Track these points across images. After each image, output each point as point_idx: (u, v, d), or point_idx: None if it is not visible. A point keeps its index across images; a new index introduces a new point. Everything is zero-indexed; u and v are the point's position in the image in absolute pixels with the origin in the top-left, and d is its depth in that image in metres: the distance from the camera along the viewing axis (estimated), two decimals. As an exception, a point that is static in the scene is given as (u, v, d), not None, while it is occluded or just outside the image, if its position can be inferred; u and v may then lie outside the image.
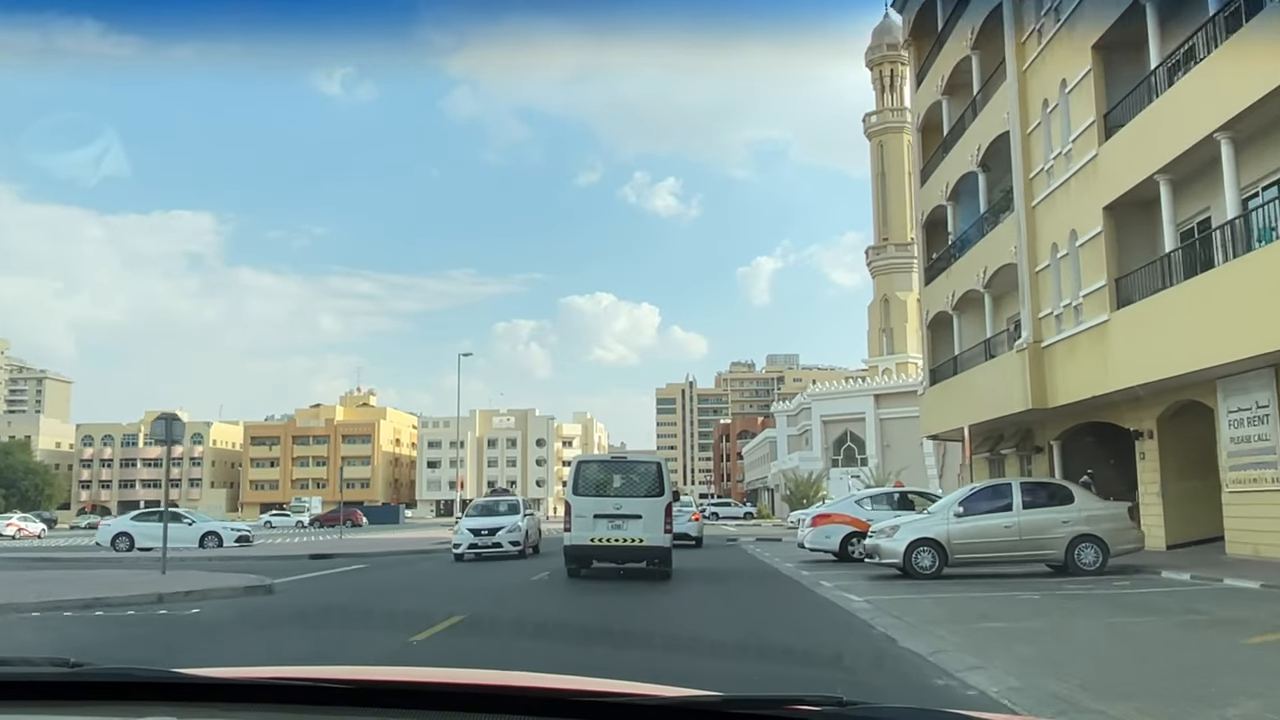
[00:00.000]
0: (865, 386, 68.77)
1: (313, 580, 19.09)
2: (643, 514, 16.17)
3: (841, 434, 70.17)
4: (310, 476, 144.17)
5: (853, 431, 69.49)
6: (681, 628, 10.98)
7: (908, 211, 65.92)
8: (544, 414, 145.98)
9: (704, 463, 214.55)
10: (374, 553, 28.84)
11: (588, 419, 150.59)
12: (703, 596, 15.05)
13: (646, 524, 16.10)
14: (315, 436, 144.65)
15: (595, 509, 16.33)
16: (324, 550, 29.30)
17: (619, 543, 16.16)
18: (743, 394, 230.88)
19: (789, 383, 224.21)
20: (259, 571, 19.06)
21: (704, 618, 12.42)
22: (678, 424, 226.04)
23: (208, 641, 10.60)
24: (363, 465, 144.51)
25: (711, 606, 13.73)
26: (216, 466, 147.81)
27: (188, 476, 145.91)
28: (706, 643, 9.36)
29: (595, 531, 16.20)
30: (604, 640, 9.69)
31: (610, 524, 16.14)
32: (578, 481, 16.79)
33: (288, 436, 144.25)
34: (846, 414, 69.34)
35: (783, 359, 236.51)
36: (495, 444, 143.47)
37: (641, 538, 16.09)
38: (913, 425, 64.46)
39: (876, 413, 67.59)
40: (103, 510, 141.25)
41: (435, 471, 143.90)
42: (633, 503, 16.33)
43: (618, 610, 13.14)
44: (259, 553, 30.27)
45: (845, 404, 69.31)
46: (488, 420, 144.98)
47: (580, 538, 16.43)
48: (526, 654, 8.35)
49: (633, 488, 16.65)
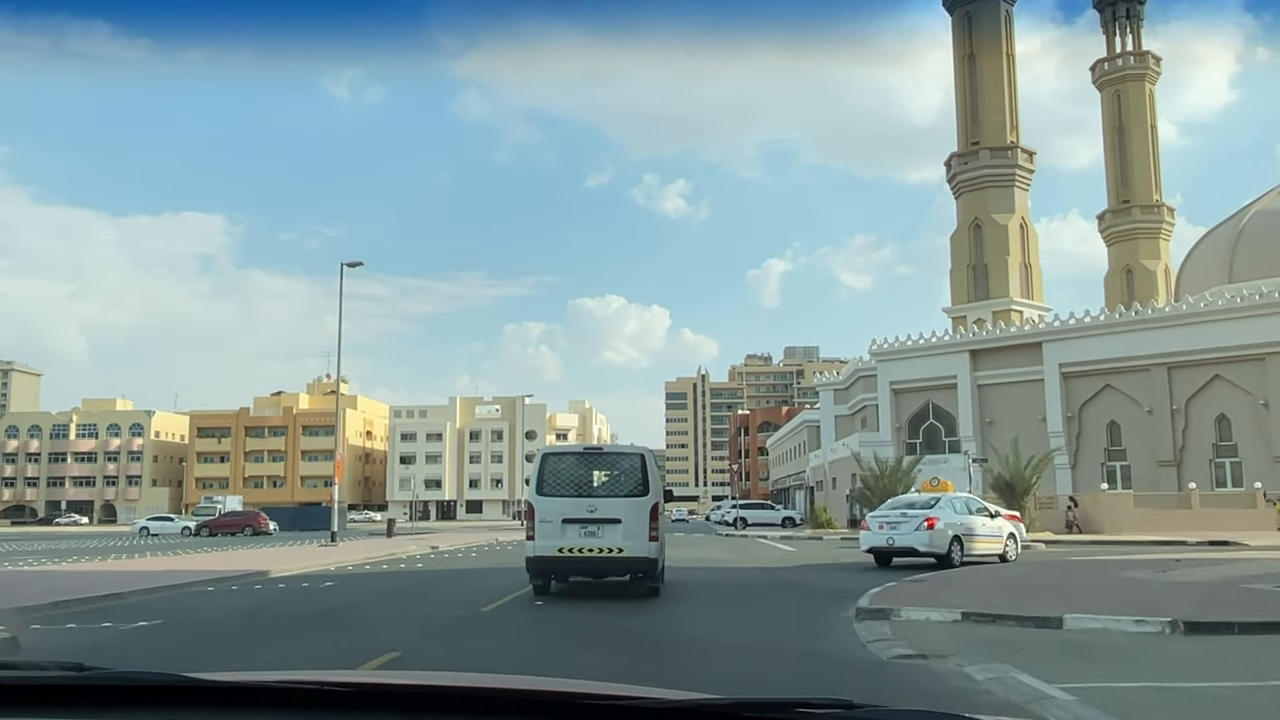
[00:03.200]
0: (958, 340, 48.82)
1: None
2: (623, 517, 13.47)
3: (921, 407, 50.36)
4: (265, 473, 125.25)
5: (936, 403, 49.66)
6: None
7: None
8: (535, 402, 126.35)
9: (718, 462, 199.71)
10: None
11: (586, 408, 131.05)
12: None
13: (628, 529, 13.44)
14: (272, 428, 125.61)
15: (565, 512, 13.59)
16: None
17: (594, 553, 13.48)
18: (759, 388, 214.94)
19: (809, 376, 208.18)
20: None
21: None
22: (689, 420, 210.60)
23: None
24: (326, 461, 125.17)
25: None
26: (160, 462, 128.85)
27: (125, 473, 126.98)
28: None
29: (564, 540, 13.54)
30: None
31: (583, 530, 13.52)
32: (543, 478, 13.89)
33: (239, 427, 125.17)
34: (928, 379, 49.49)
35: (801, 351, 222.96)
36: (479, 436, 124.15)
37: (621, 546, 13.41)
38: (1029, 392, 44.59)
39: (973, 376, 47.76)
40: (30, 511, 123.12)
41: (409, 468, 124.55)
42: (611, 504, 13.61)
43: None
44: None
45: (926, 365, 49.44)
46: (470, 409, 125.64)
47: (546, 547, 13.64)
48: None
49: (611, 486, 13.90)
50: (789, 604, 14.13)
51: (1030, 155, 53.66)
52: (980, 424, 47.34)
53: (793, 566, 20.81)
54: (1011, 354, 46.45)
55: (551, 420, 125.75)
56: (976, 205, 53.41)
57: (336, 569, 22.09)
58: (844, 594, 13.57)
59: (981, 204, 53.14)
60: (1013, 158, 52.67)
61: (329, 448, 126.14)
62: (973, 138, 54.82)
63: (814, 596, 14.75)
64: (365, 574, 20.71)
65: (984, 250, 53.24)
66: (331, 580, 18.63)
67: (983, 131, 53.99)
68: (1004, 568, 19.19)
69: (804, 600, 14.45)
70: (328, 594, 15.89)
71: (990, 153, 52.86)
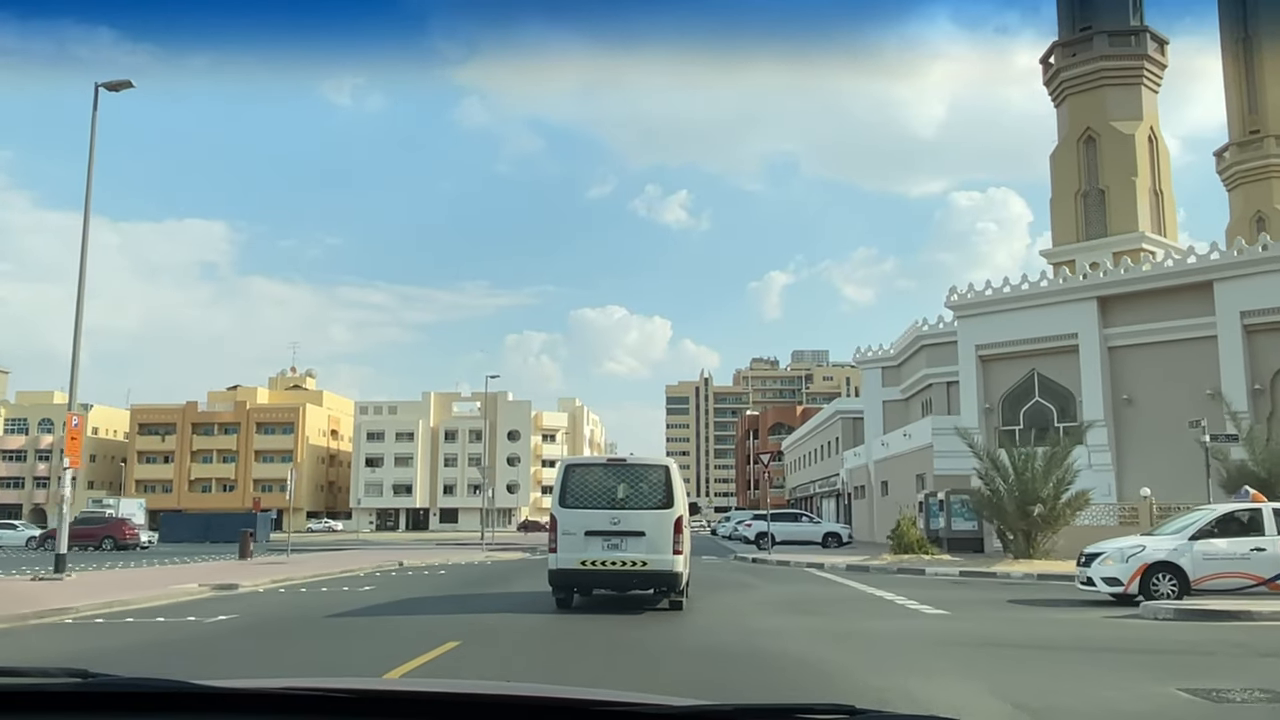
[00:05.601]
0: (1080, 283, 34.68)
1: None
2: (647, 530, 13.39)
3: (1021, 381, 36.24)
4: (214, 475, 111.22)
5: (1044, 375, 35.50)
6: None
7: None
8: (520, 398, 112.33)
9: (721, 471, 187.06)
10: None
11: (576, 406, 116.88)
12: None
13: (652, 542, 13.35)
14: (222, 424, 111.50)
15: (587, 524, 13.47)
16: None
17: (617, 566, 13.38)
18: (765, 393, 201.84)
19: (818, 381, 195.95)
20: None
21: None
22: (690, 425, 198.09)
23: None
24: (284, 463, 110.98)
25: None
26: (98, 462, 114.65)
27: (58, 474, 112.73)
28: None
29: (587, 553, 13.41)
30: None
31: (606, 543, 13.41)
32: (565, 490, 13.79)
33: (185, 424, 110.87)
34: (1033, 340, 35.39)
35: (810, 355, 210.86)
36: (455, 436, 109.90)
37: (645, 559, 13.33)
38: (1189, 355, 30.71)
39: (1103, 335, 33.62)
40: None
41: (375, 471, 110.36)
42: (635, 516, 13.50)
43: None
44: None
45: (1030, 320, 35.34)
46: (446, 406, 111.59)
47: (568, 560, 13.51)
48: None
49: (635, 498, 13.67)
50: None
51: (1162, 45, 39.78)
52: (1113, 400, 33.18)
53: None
54: (1162, 301, 32.45)
55: (537, 419, 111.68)
56: (1088, 110, 39.33)
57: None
58: None
59: (1096, 107, 39.07)
60: (1139, 45, 38.67)
61: (288, 448, 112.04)
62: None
63: None
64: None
65: (1100, 170, 39.15)
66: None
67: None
68: None
69: None
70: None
71: (1109, 38, 38.78)
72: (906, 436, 40.81)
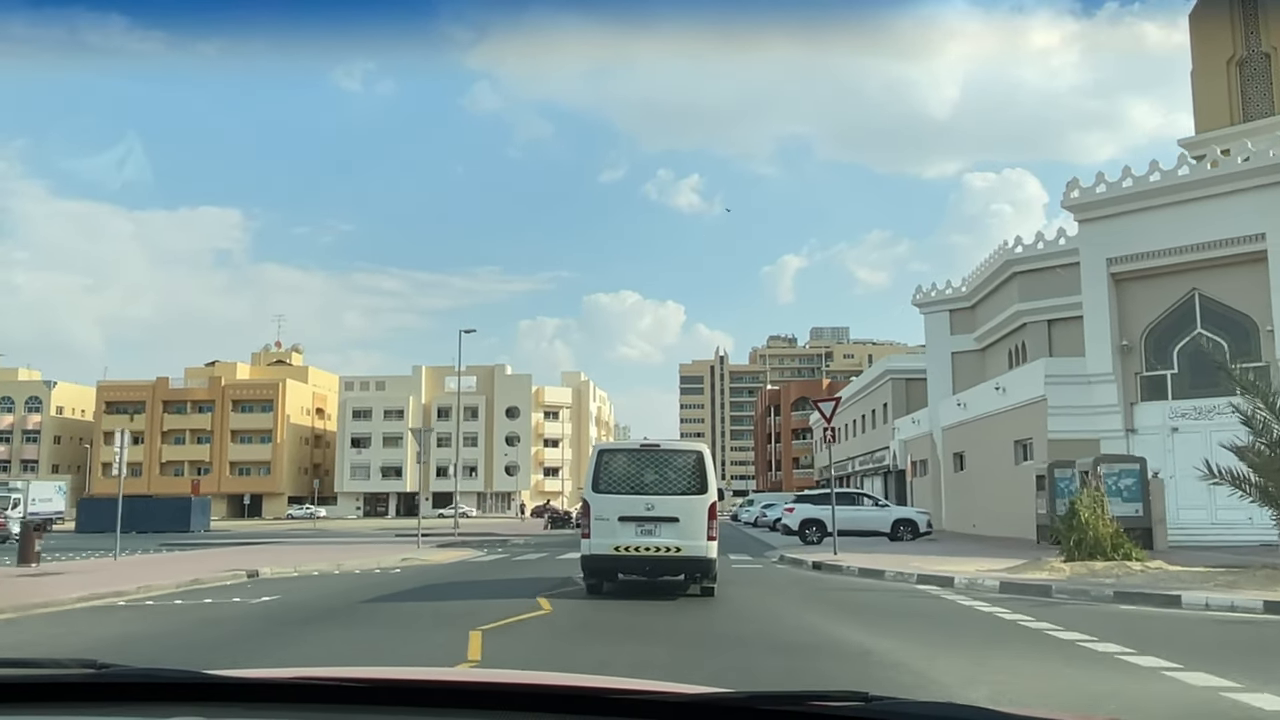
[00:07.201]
0: (1272, 160, 24.30)
1: None
2: (680, 516, 13.29)
3: (1175, 308, 26.11)
4: (188, 458, 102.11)
5: (1208, 295, 25.40)
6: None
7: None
8: (520, 372, 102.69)
9: (738, 453, 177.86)
10: None
11: (581, 381, 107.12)
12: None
13: (685, 528, 13.25)
14: (196, 402, 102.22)
15: (620, 510, 13.44)
16: None
17: (650, 551, 13.30)
18: (783, 372, 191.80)
19: (839, 359, 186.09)
20: None
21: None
22: (705, 406, 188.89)
23: None
24: (263, 444, 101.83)
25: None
26: (62, 443, 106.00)
27: (19, 456, 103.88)
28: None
29: (620, 538, 13.34)
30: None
31: (639, 528, 13.37)
32: (598, 475, 13.76)
33: (155, 402, 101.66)
34: (1195, 248, 25.23)
35: (830, 332, 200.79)
36: (448, 414, 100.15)
37: (678, 545, 13.24)
38: None
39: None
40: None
41: (362, 452, 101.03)
42: (668, 502, 13.39)
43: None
44: None
45: (1188, 219, 25.15)
46: (438, 381, 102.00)
47: (601, 545, 13.48)
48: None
49: (668, 483, 13.57)
50: None
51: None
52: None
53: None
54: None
55: (538, 395, 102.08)
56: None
57: None
58: None
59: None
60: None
61: (267, 427, 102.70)
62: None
63: None
64: None
65: (1262, 29, 28.88)
66: None
67: None
68: None
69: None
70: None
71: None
72: (1000, 391, 30.80)
